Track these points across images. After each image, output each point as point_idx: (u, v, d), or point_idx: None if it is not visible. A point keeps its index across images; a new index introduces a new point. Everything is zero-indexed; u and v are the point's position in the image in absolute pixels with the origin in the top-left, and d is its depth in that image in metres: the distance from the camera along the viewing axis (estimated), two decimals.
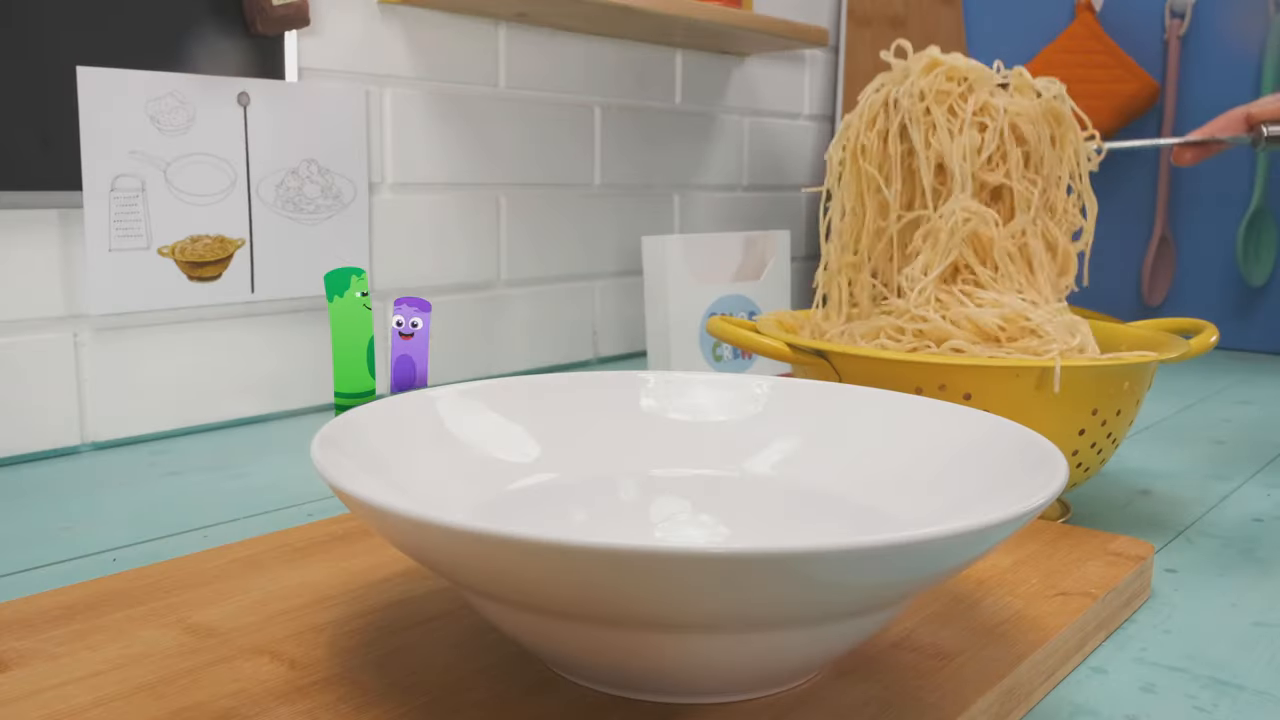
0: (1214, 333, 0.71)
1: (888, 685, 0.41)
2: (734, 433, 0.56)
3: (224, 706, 0.39)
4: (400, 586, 0.50)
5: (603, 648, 0.36)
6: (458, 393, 0.54)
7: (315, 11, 0.96)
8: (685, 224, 1.40)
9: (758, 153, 1.49)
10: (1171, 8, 1.42)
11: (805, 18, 1.51)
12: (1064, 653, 0.47)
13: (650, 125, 1.32)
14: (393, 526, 0.35)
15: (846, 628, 0.37)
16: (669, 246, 1.06)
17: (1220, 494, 0.76)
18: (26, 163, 0.80)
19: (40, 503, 0.71)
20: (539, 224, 1.20)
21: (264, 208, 0.93)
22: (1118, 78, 1.42)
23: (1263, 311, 1.41)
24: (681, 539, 0.49)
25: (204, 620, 0.46)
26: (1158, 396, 1.12)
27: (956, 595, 0.50)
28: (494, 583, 0.35)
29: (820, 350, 0.65)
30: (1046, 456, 0.43)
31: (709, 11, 1.17)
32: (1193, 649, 0.50)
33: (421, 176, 1.07)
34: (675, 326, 1.08)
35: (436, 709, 0.39)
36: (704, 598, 0.32)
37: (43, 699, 0.39)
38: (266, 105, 0.92)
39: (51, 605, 0.47)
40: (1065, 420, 0.61)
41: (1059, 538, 0.58)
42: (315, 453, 0.41)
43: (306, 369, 0.99)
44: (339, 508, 0.70)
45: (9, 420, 0.81)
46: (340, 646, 0.44)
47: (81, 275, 0.84)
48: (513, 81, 1.15)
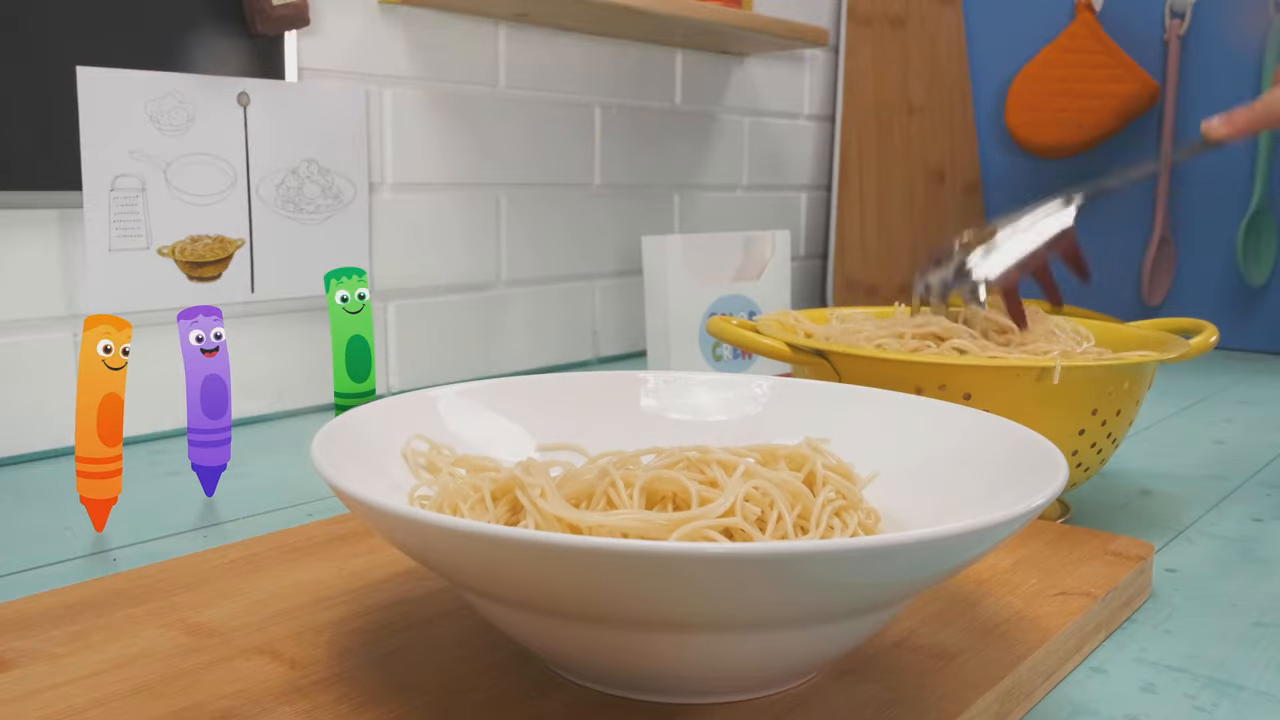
0: (1214, 333, 0.71)
1: (888, 685, 0.41)
2: (734, 433, 0.56)
3: (224, 706, 0.39)
4: (400, 586, 0.50)
5: (603, 648, 0.36)
6: (458, 393, 0.54)
7: (315, 11, 0.96)
8: (685, 224, 1.40)
9: (758, 153, 1.49)
10: (1171, 8, 1.42)
11: (805, 18, 1.51)
12: (1064, 653, 0.47)
13: (650, 125, 1.32)
14: (393, 526, 0.35)
15: (846, 628, 0.37)
16: (669, 246, 1.06)
17: (1220, 494, 0.76)
18: (26, 163, 0.80)
19: (40, 503, 0.71)
20: (538, 224, 1.20)
21: (264, 208, 0.93)
22: (1117, 78, 1.42)
23: (1263, 311, 1.41)
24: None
25: (204, 620, 0.46)
26: (1158, 396, 1.12)
27: (956, 595, 0.50)
28: (494, 583, 0.35)
29: (820, 350, 0.65)
30: (1046, 456, 0.43)
31: (709, 11, 1.17)
32: (1193, 649, 0.50)
33: (421, 176, 1.07)
34: (675, 326, 1.08)
35: (436, 709, 0.39)
36: (704, 597, 0.32)
37: (43, 699, 0.39)
38: (266, 105, 0.92)
39: (51, 605, 0.47)
40: (1065, 420, 0.61)
41: (1059, 538, 0.58)
42: (315, 453, 0.41)
43: (306, 369, 0.99)
44: (339, 508, 0.70)
45: (9, 420, 0.81)
46: (340, 646, 0.44)
47: (81, 275, 0.84)
48: (512, 81, 1.15)
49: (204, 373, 0.61)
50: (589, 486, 0.43)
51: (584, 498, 0.43)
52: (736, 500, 0.40)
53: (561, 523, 0.40)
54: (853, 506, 0.44)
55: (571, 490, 0.43)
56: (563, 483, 0.44)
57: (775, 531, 0.40)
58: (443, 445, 0.50)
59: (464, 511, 0.43)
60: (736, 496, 0.40)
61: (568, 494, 0.43)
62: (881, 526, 0.46)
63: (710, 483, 0.42)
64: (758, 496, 0.41)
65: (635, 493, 0.41)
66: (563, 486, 0.43)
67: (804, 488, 0.43)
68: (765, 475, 0.42)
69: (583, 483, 0.43)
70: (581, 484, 0.43)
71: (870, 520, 0.45)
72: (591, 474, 0.43)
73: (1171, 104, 1.42)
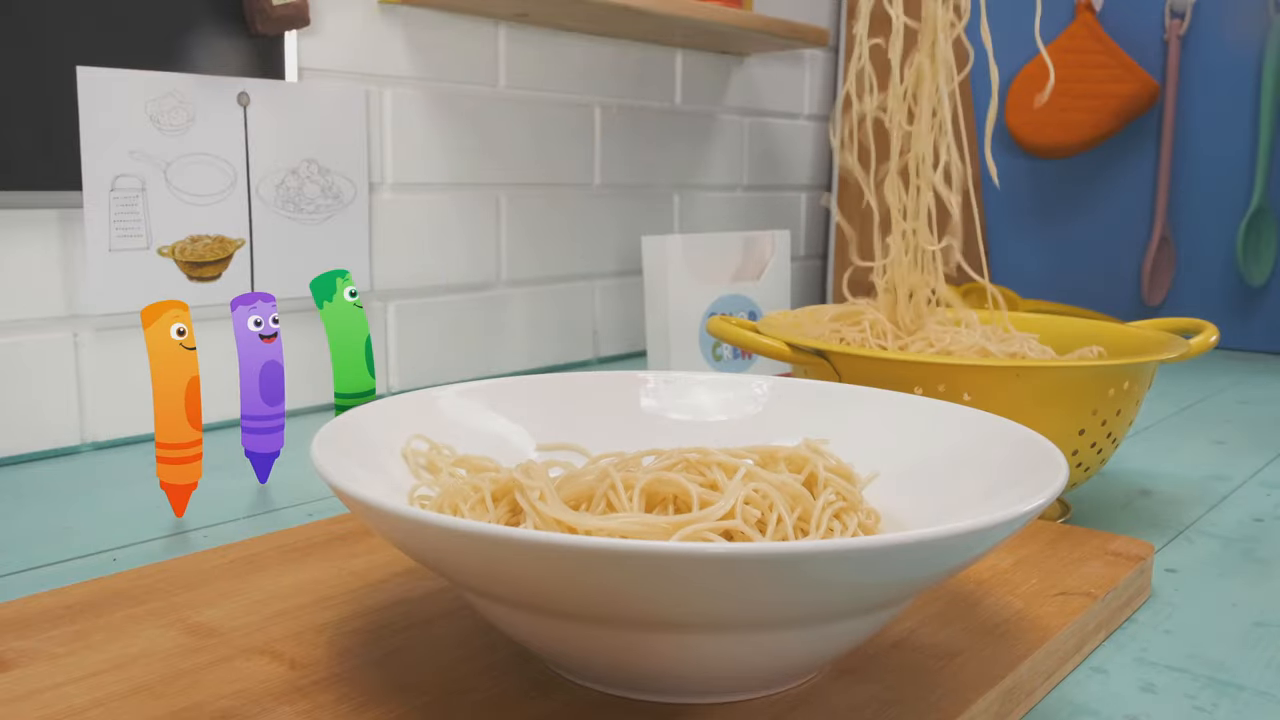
0: (1214, 333, 0.71)
1: (888, 685, 0.41)
2: (734, 433, 0.56)
3: (224, 706, 0.39)
4: (400, 586, 0.50)
5: (603, 648, 0.36)
6: (458, 393, 0.54)
7: (315, 11, 0.96)
8: (685, 224, 1.40)
9: (758, 153, 1.49)
10: (1171, 8, 1.42)
11: (805, 18, 1.51)
12: (1064, 653, 0.47)
13: (650, 125, 1.32)
14: (393, 526, 0.35)
15: (846, 628, 0.37)
16: (669, 246, 1.06)
17: (1220, 494, 0.76)
18: (26, 163, 0.80)
19: (40, 503, 0.71)
20: (539, 224, 1.20)
21: (264, 208, 0.93)
22: (1117, 78, 1.42)
23: (1263, 311, 1.41)
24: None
25: (204, 620, 0.46)
26: (1158, 396, 1.12)
27: (956, 595, 0.50)
28: (494, 583, 0.35)
29: (820, 350, 0.65)
30: (1046, 456, 0.43)
31: (709, 11, 1.17)
32: (1193, 649, 0.50)
33: (421, 176, 1.07)
34: (675, 326, 1.08)
35: (436, 709, 0.39)
36: (704, 597, 0.32)
37: (43, 699, 0.39)
38: (266, 105, 0.92)
39: (51, 605, 0.47)
40: (1065, 420, 0.61)
41: (1059, 538, 0.58)
42: (315, 453, 0.41)
43: (306, 369, 0.99)
44: (339, 508, 0.70)
45: (9, 420, 0.81)
46: (340, 646, 0.44)
47: (81, 275, 0.84)
48: (513, 81, 1.15)
49: (262, 359, 0.61)
50: (589, 488, 0.43)
51: (584, 500, 0.43)
52: (737, 503, 0.40)
53: (561, 525, 0.40)
54: (853, 508, 0.44)
55: (571, 492, 0.43)
56: (563, 484, 0.44)
57: (775, 534, 0.40)
58: (443, 445, 0.50)
59: (464, 512, 0.43)
60: (737, 499, 0.40)
61: (567, 496, 0.43)
62: (881, 527, 0.46)
63: (710, 485, 0.42)
64: (758, 499, 0.41)
65: (635, 495, 0.41)
66: (562, 488, 0.43)
67: (804, 490, 0.43)
68: (765, 478, 0.42)
69: (583, 484, 0.43)
70: (581, 485, 0.43)
71: (870, 521, 0.45)
72: (591, 475, 0.43)
73: (1171, 104, 1.42)
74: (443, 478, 0.48)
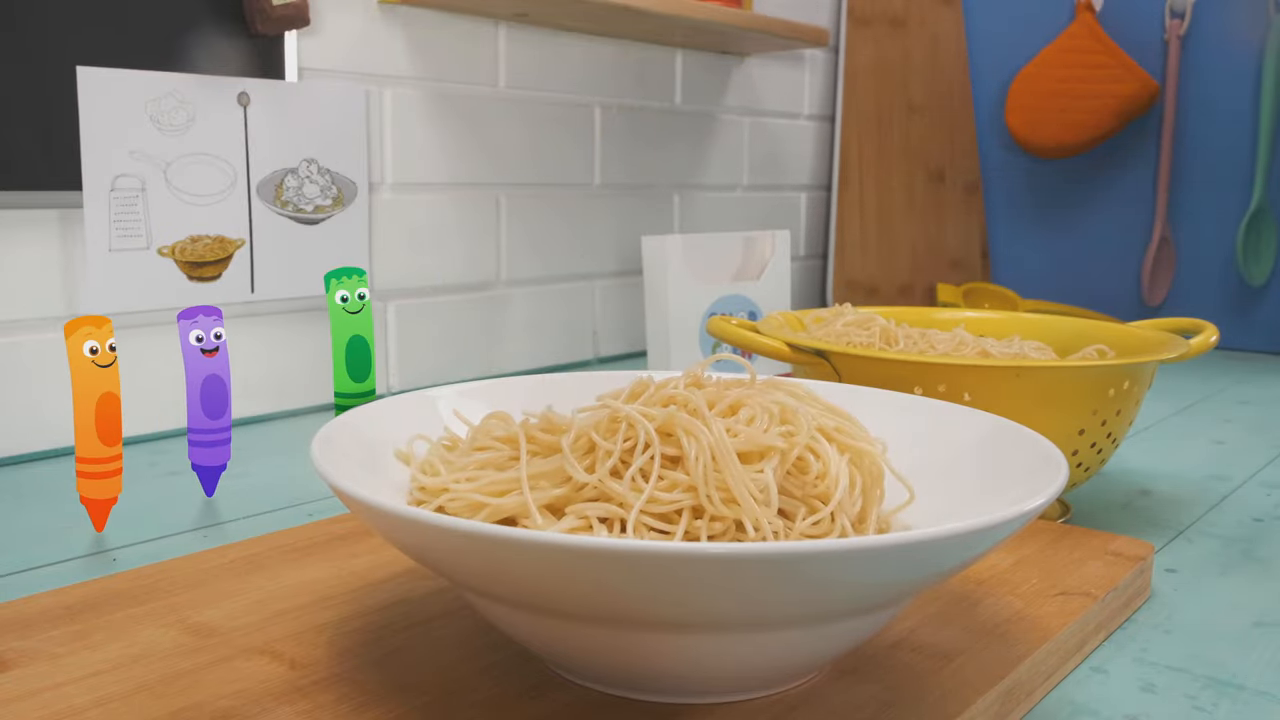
0: (1214, 333, 0.71)
1: (888, 685, 0.41)
2: None
3: (224, 706, 0.39)
4: (400, 586, 0.50)
5: (603, 648, 0.36)
6: (458, 393, 0.54)
7: (315, 11, 0.96)
8: (685, 224, 1.40)
9: (758, 153, 1.49)
10: (1171, 8, 1.42)
11: (805, 18, 1.51)
12: (1064, 653, 0.47)
13: (650, 125, 1.32)
14: (393, 526, 0.35)
15: (846, 628, 0.37)
16: (669, 246, 1.06)
17: (1220, 494, 0.76)
18: (26, 163, 0.80)
19: (40, 503, 0.71)
20: (538, 224, 1.20)
21: (264, 208, 0.93)
22: (1117, 78, 1.42)
23: (1263, 311, 1.41)
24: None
25: (204, 620, 0.46)
26: (1158, 396, 1.12)
27: (956, 595, 0.50)
28: (494, 583, 0.35)
29: (820, 350, 0.65)
30: (1046, 456, 0.43)
31: (709, 11, 1.17)
32: (1193, 649, 0.50)
33: (421, 176, 1.07)
34: (675, 326, 1.08)
35: (436, 709, 0.39)
36: (704, 597, 0.32)
37: (43, 699, 0.39)
38: (266, 105, 0.92)
39: (51, 605, 0.47)
40: (1065, 420, 0.61)
41: (1059, 538, 0.58)
42: (315, 453, 0.41)
43: (306, 369, 0.99)
44: (339, 508, 0.70)
45: (9, 420, 0.81)
46: (340, 646, 0.44)
47: (81, 275, 0.84)
48: (512, 81, 1.15)
49: (204, 373, 0.61)
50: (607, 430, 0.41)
51: (606, 433, 0.41)
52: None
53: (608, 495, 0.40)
54: (843, 431, 0.43)
55: (585, 446, 0.41)
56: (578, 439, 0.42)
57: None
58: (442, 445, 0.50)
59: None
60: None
61: (583, 449, 0.41)
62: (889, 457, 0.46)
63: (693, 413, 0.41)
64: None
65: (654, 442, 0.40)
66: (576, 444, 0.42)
67: (793, 403, 0.42)
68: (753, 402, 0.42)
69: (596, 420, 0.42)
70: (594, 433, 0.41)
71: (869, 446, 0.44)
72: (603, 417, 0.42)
73: (1171, 104, 1.42)
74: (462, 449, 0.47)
